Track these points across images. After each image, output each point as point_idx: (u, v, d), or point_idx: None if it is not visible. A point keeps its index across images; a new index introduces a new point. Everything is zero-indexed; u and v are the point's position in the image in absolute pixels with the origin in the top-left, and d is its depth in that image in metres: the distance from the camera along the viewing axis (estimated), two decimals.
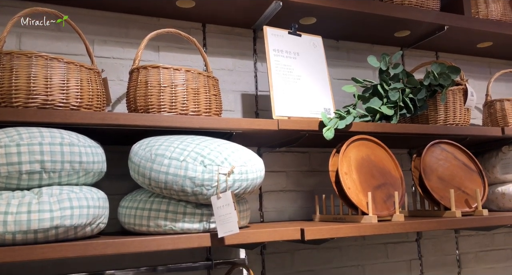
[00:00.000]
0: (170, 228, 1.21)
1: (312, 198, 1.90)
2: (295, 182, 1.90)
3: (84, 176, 1.17)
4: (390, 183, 1.60)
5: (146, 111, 1.35)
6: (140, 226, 1.23)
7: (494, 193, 1.97)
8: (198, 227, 1.23)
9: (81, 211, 1.08)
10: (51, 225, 1.03)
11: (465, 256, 2.19)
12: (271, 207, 1.84)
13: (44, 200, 1.04)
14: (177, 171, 1.18)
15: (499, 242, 2.28)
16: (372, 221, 1.45)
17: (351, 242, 1.95)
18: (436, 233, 2.13)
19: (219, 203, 1.19)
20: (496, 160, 1.97)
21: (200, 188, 1.19)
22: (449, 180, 1.71)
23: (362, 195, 1.52)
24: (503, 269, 2.27)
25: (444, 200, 1.64)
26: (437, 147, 1.76)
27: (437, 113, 1.82)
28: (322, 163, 1.96)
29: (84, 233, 1.12)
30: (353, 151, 1.58)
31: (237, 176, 1.23)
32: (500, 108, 2.04)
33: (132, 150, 1.28)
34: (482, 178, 1.77)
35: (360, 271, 1.95)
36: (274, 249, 1.80)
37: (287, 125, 1.46)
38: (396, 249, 2.04)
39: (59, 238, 1.06)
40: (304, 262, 1.85)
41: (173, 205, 1.22)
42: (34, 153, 1.06)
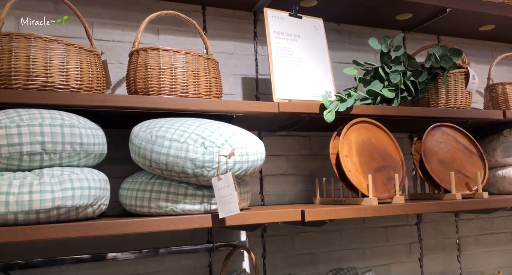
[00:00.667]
0: (171, 209, 1.22)
1: (312, 181, 1.90)
2: (296, 166, 1.91)
3: (85, 158, 1.17)
4: (390, 166, 1.60)
5: (146, 93, 1.35)
6: (141, 208, 1.23)
7: (494, 176, 1.97)
8: (199, 208, 1.24)
9: (82, 192, 1.09)
10: (53, 205, 1.03)
11: (465, 239, 2.20)
12: (271, 190, 1.85)
13: (45, 181, 1.05)
14: (177, 153, 1.18)
15: (498, 226, 2.29)
16: (373, 203, 1.45)
17: (351, 225, 1.96)
18: (436, 216, 2.14)
19: (220, 185, 1.19)
20: (497, 143, 1.97)
21: (201, 170, 1.19)
22: (450, 163, 1.71)
23: (362, 178, 1.52)
24: (503, 252, 2.28)
25: (444, 183, 1.64)
26: (438, 130, 1.76)
27: (438, 96, 1.81)
28: (323, 147, 1.96)
29: (85, 214, 1.12)
30: (354, 134, 1.58)
31: (237, 158, 1.24)
32: (501, 92, 2.04)
33: (132, 132, 1.28)
34: (483, 161, 1.77)
35: (360, 254, 1.96)
36: (275, 232, 1.82)
37: (287, 108, 1.45)
38: (396, 232, 2.05)
39: (61, 218, 1.07)
40: (304, 245, 1.86)
41: (174, 186, 1.23)
42: (34, 134, 1.06)
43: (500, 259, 2.27)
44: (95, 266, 1.52)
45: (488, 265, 2.23)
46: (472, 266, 2.19)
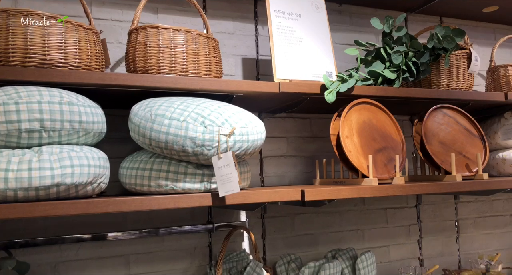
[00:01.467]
0: (171, 188, 1.22)
1: (312, 163, 1.90)
2: (296, 148, 1.90)
3: (84, 136, 1.16)
4: (391, 147, 1.60)
5: (146, 72, 1.33)
6: (141, 186, 1.23)
7: (494, 159, 1.97)
8: (199, 187, 1.24)
9: (81, 169, 1.08)
10: (52, 182, 1.03)
11: (464, 221, 2.21)
12: (271, 172, 1.85)
13: (44, 158, 1.04)
14: (177, 131, 1.17)
15: (498, 208, 2.30)
16: (373, 183, 1.45)
17: (351, 207, 1.97)
18: (435, 199, 2.15)
19: (220, 164, 1.19)
20: (498, 126, 1.96)
21: (200, 149, 1.18)
22: (451, 144, 1.71)
23: (362, 158, 1.52)
24: (501, 235, 2.29)
25: (445, 164, 1.64)
26: (439, 112, 1.75)
27: (440, 78, 1.80)
28: (323, 129, 1.95)
29: (85, 192, 1.12)
30: (355, 115, 1.57)
31: (238, 137, 1.23)
32: (504, 74, 2.02)
33: (132, 111, 1.27)
34: (484, 143, 1.76)
35: (359, 236, 1.97)
36: (275, 213, 1.82)
37: (288, 88, 1.44)
38: (395, 214, 2.06)
39: (60, 196, 1.07)
40: (304, 226, 1.87)
41: (174, 165, 1.22)
42: (33, 112, 1.05)
43: (498, 241, 2.28)
44: (95, 246, 1.53)
45: (487, 248, 2.24)
46: (471, 248, 2.21)
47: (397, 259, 2.04)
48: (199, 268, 1.66)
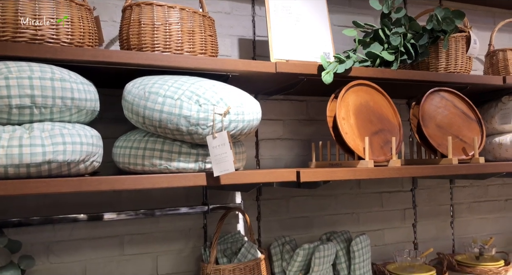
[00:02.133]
0: (165, 167, 1.20)
1: (308, 146, 1.89)
2: (292, 131, 1.89)
3: (77, 114, 1.14)
4: (387, 129, 1.59)
5: (140, 50, 1.31)
6: (135, 165, 1.22)
7: (491, 143, 1.97)
8: (193, 166, 1.23)
9: (74, 147, 1.07)
10: (44, 159, 1.01)
11: (459, 206, 2.22)
12: (267, 155, 1.84)
13: (35, 135, 1.02)
14: (171, 110, 1.15)
15: (492, 193, 2.30)
16: (368, 165, 1.44)
17: (346, 190, 1.96)
18: (431, 183, 2.15)
19: (215, 143, 1.18)
20: (495, 110, 1.95)
21: (195, 128, 1.17)
22: (447, 128, 1.70)
23: (359, 140, 1.51)
24: (495, 220, 2.30)
25: (441, 148, 1.63)
26: (436, 95, 1.73)
27: (438, 61, 1.78)
28: (320, 112, 1.94)
29: (77, 170, 1.11)
30: (352, 96, 1.56)
31: (233, 116, 1.21)
32: (502, 58, 2.00)
33: (125, 89, 1.25)
34: (481, 126, 1.76)
35: (354, 219, 1.97)
36: (270, 196, 1.81)
37: (285, 68, 1.42)
38: (391, 198, 2.06)
39: (52, 173, 1.05)
40: (299, 209, 1.87)
41: (168, 144, 1.21)
42: (23, 87, 1.03)
43: (492, 226, 2.29)
44: (90, 226, 1.52)
45: (481, 232, 2.25)
46: (465, 232, 2.22)
47: (391, 242, 2.04)
48: (193, 249, 1.66)
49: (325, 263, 1.56)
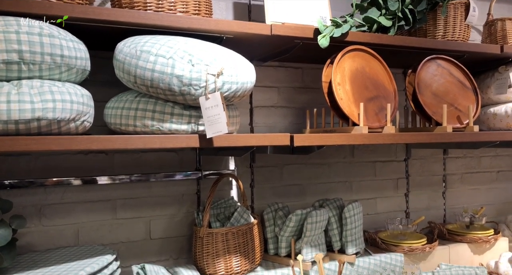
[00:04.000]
0: (157, 129, 1.19)
1: (303, 115, 1.87)
2: (287, 98, 1.87)
3: (67, 72, 1.12)
4: (383, 96, 1.57)
5: (132, 9, 1.27)
6: (127, 126, 1.20)
7: (486, 114, 1.96)
8: (186, 128, 1.21)
9: (64, 105, 1.04)
10: (33, 116, 0.99)
11: (451, 177, 2.23)
12: (261, 122, 1.82)
13: (24, 91, 1.00)
14: (163, 69, 1.13)
15: (485, 165, 2.32)
16: (363, 131, 1.43)
17: (340, 159, 1.96)
18: (424, 153, 2.15)
19: (208, 104, 1.16)
20: (492, 80, 1.94)
21: (187, 88, 1.15)
22: (443, 96, 1.68)
23: (354, 106, 1.49)
24: (487, 191, 2.32)
25: (436, 116, 1.63)
26: (433, 63, 1.71)
27: (436, 28, 1.75)
28: (315, 79, 1.91)
29: (68, 129, 1.09)
30: (348, 62, 1.54)
31: (226, 78, 1.19)
32: (501, 28, 1.97)
33: (117, 48, 1.22)
34: (476, 95, 1.75)
35: (347, 187, 1.98)
36: (263, 163, 1.81)
37: (280, 31, 1.39)
38: (384, 167, 2.06)
39: (42, 131, 1.03)
40: (292, 177, 1.87)
41: (160, 105, 1.19)
42: (10, 42, 1.00)
43: (483, 197, 2.31)
44: (82, 189, 1.51)
45: (472, 203, 2.27)
46: (456, 202, 2.24)
47: (383, 211, 2.06)
48: (187, 215, 1.67)
49: (317, 228, 1.57)
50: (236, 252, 1.48)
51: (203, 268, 1.46)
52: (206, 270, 1.46)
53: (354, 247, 1.66)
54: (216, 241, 1.46)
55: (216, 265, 1.45)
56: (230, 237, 1.47)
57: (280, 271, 1.53)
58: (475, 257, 1.90)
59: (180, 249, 1.65)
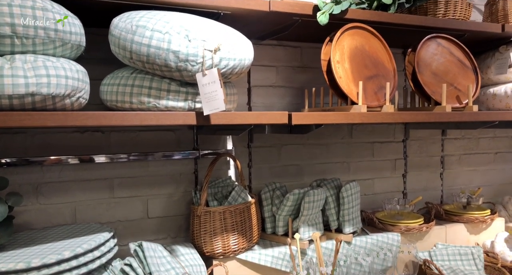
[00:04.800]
0: (153, 105, 1.17)
1: (301, 94, 1.86)
2: (285, 78, 1.85)
3: (61, 47, 1.09)
4: (382, 75, 1.56)
5: None
6: (123, 103, 1.19)
7: (485, 94, 1.95)
8: (183, 105, 1.20)
9: (58, 80, 1.03)
10: (27, 91, 0.98)
11: (449, 158, 2.23)
12: (259, 102, 1.81)
13: (17, 66, 0.98)
14: (159, 44, 1.11)
15: (483, 146, 2.31)
16: (362, 110, 1.42)
17: (338, 139, 1.95)
18: (423, 134, 2.15)
19: (205, 80, 1.14)
20: (492, 60, 1.92)
21: (184, 64, 1.13)
22: (443, 75, 1.67)
23: (353, 85, 1.48)
24: (484, 172, 2.33)
25: (435, 95, 1.61)
26: (433, 42, 1.69)
27: (436, 6, 1.72)
28: (314, 59, 1.89)
29: (63, 105, 1.07)
30: (347, 40, 1.51)
31: (224, 54, 1.17)
32: (502, 7, 1.94)
33: (112, 23, 1.20)
34: (476, 75, 1.73)
35: (345, 168, 1.98)
36: (261, 143, 1.80)
37: (279, 7, 1.37)
38: (382, 148, 2.06)
39: (36, 107, 1.02)
40: (290, 157, 1.86)
41: (156, 81, 1.17)
42: (3, 15, 0.97)
43: (481, 178, 2.32)
44: (79, 168, 1.50)
45: (469, 184, 2.28)
46: (454, 183, 2.24)
47: (381, 192, 2.06)
48: (184, 194, 1.66)
49: (314, 207, 1.57)
50: (233, 231, 1.48)
51: (201, 246, 1.47)
52: (204, 248, 1.46)
53: (351, 226, 1.66)
54: (213, 219, 1.46)
55: (213, 243, 1.46)
56: (228, 216, 1.47)
57: (277, 249, 1.54)
58: (471, 237, 1.91)
59: (178, 228, 1.66)
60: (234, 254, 1.48)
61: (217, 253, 1.46)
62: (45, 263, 1.06)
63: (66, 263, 1.10)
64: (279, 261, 1.52)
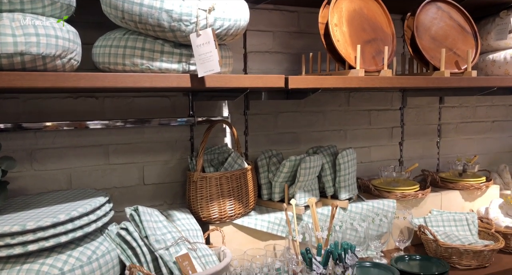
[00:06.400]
0: (146, 67, 1.15)
1: (298, 61, 1.83)
2: (282, 43, 1.81)
3: (50, 6, 1.06)
4: (380, 39, 1.53)
5: None
6: (115, 65, 1.16)
7: (484, 60, 1.93)
8: (177, 67, 1.17)
9: (48, 39, 1.00)
10: (15, 50, 0.95)
11: (446, 126, 2.22)
12: (255, 68, 1.78)
13: (5, 24, 0.95)
14: (152, 3, 1.07)
15: (480, 114, 2.31)
16: (359, 74, 1.40)
17: (335, 107, 1.94)
18: (420, 102, 2.13)
19: (199, 41, 1.11)
20: (492, 26, 1.89)
21: (177, 24, 1.10)
22: (442, 40, 1.64)
23: (351, 49, 1.45)
24: (481, 140, 2.33)
25: (434, 60, 1.59)
26: (433, 5, 1.66)
27: None
28: (312, 24, 1.85)
29: (54, 66, 1.04)
30: (345, 2, 1.48)
31: (218, 13, 1.14)
32: None
33: None
34: (476, 40, 1.70)
35: (341, 136, 1.97)
36: (258, 110, 1.78)
37: None
38: (379, 116, 2.04)
39: (26, 67, 0.99)
40: (286, 125, 1.85)
41: (149, 42, 1.14)
42: None
43: (477, 146, 2.32)
44: (73, 134, 1.49)
45: (466, 152, 2.28)
46: (450, 152, 2.24)
47: (377, 159, 2.06)
48: (180, 161, 1.66)
49: (310, 174, 1.57)
50: (229, 196, 1.48)
51: (197, 211, 1.47)
52: (200, 213, 1.47)
53: (347, 192, 1.67)
54: (210, 185, 1.45)
55: (210, 209, 1.46)
56: (224, 182, 1.47)
57: (273, 215, 1.54)
58: (466, 203, 1.92)
59: (174, 195, 1.66)
60: (230, 219, 1.49)
61: (214, 218, 1.46)
62: (40, 226, 1.06)
63: (62, 226, 1.10)
64: (275, 227, 1.53)
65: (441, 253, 1.59)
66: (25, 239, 1.05)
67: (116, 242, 1.25)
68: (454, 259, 1.57)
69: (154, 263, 1.21)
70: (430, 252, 1.64)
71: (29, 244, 1.06)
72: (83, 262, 1.11)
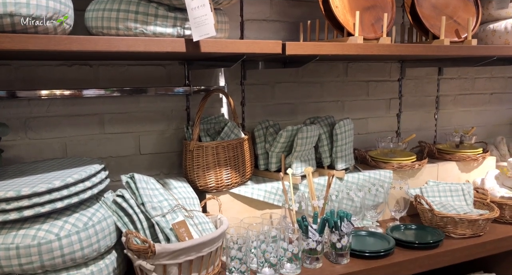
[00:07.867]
0: (140, 32, 1.12)
1: (296, 30, 1.79)
2: (280, 12, 1.78)
3: None
4: (380, 6, 1.50)
5: None
6: (109, 29, 1.13)
7: (484, 30, 1.90)
8: (171, 32, 1.15)
9: (38, 0, 0.97)
10: (5, 11, 0.92)
11: (444, 98, 2.21)
12: (252, 37, 1.75)
13: None
14: None
15: (479, 86, 2.29)
16: (358, 41, 1.38)
17: (333, 78, 1.92)
18: (419, 73, 2.11)
19: (194, 4, 1.08)
20: None
21: None
22: (443, 8, 1.61)
23: (349, 16, 1.42)
24: (478, 112, 2.32)
25: (434, 29, 1.56)
26: None
27: None
28: None
29: (45, 29, 1.01)
30: None
31: None
32: None
33: None
34: (477, 8, 1.67)
35: (339, 107, 1.96)
36: (255, 80, 1.76)
37: None
38: (377, 87, 2.03)
39: (16, 29, 0.97)
40: (284, 95, 1.83)
41: (143, 5, 1.12)
42: None
43: (475, 118, 2.31)
44: (67, 103, 1.47)
45: (463, 124, 2.27)
46: (448, 124, 2.24)
47: (375, 131, 2.06)
48: (176, 131, 1.64)
49: (307, 144, 1.56)
50: (226, 166, 1.47)
51: (194, 180, 1.47)
52: (197, 182, 1.46)
53: (344, 163, 1.67)
54: (206, 154, 1.45)
55: (206, 178, 1.45)
56: (220, 151, 1.46)
57: (270, 184, 1.54)
58: (462, 174, 1.93)
59: (171, 164, 1.65)
60: (227, 188, 1.49)
61: (210, 187, 1.46)
62: (35, 192, 1.05)
63: (57, 192, 1.09)
64: (272, 196, 1.53)
65: (436, 223, 1.60)
66: (21, 204, 1.04)
67: (112, 209, 1.25)
68: (449, 228, 1.58)
69: (150, 229, 1.22)
70: (426, 221, 1.65)
71: (25, 209, 1.05)
72: (79, 228, 1.11)
